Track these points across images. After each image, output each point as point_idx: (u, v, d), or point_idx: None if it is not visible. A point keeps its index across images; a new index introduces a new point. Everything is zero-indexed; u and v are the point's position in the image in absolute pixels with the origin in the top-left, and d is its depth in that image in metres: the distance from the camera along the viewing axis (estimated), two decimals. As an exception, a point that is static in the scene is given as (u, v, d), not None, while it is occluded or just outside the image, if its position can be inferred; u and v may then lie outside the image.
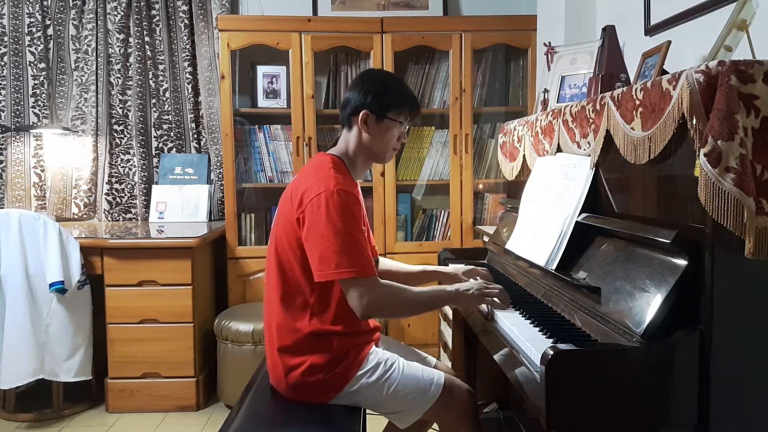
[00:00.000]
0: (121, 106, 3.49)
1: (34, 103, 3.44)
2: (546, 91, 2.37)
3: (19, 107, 3.44)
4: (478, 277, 1.94)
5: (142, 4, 3.41)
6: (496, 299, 1.67)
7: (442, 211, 3.39)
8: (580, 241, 1.60)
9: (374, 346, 1.73)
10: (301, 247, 1.60)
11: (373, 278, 1.56)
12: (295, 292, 1.64)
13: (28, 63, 3.42)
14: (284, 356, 1.64)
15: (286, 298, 1.65)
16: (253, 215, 3.32)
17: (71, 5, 3.41)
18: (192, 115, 3.48)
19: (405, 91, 1.75)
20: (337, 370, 1.62)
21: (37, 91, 3.44)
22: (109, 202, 3.50)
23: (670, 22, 2.02)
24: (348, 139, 1.74)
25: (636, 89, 1.36)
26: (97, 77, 3.43)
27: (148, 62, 3.46)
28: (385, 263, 2.06)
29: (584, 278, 1.50)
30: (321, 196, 1.56)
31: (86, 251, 2.80)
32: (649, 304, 1.21)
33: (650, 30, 2.16)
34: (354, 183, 1.71)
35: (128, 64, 3.47)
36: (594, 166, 1.62)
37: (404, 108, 1.72)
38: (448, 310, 2.79)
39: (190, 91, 3.47)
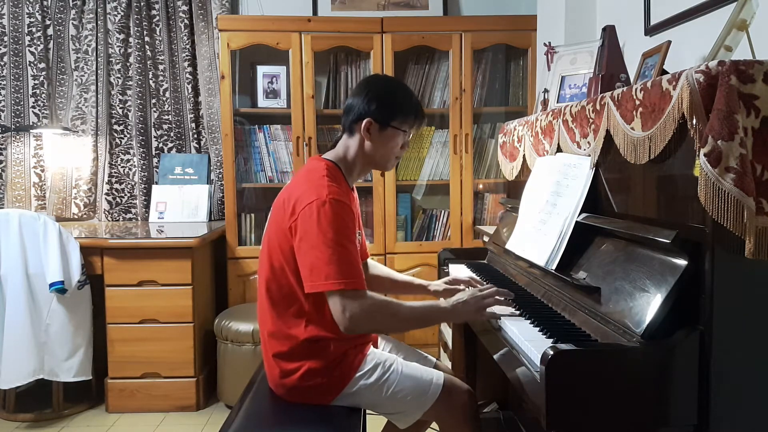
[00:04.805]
0: (121, 106, 3.49)
1: (34, 103, 3.44)
2: (546, 91, 2.37)
3: (19, 107, 3.44)
4: (463, 285, 1.91)
5: (142, 4, 3.41)
6: (494, 308, 1.60)
7: (442, 211, 3.39)
8: (580, 241, 1.59)
9: (372, 346, 1.72)
10: (294, 256, 1.57)
11: (360, 292, 1.51)
12: (289, 300, 1.62)
13: (28, 63, 3.42)
14: (280, 361, 1.63)
15: (280, 306, 1.63)
16: (253, 215, 3.32)
17: (71, 5, 3.41)
18: (192, 115, 3.48)
19: (410, 99, 1.71)
20: (335, 373, 1.60)
21: (37, 91, 3.44)
22: (109, 202, 3.50)
23: (670, 22, 2.02)
24: (348, 144, 1.71)
25: (636, 89, 1.36)
26: (97, 77, 3.43)
27: (148, 62, 3.46)
28: (375, 268, 2.03)
29: (584, 278, 1.50)
30: (313, 205, 1.52)
31: (86, 251, 2.80)
32: (649, 304, 1.21)
33: (650, 30, 2.16)
34: (348, 190, 1.68)
35: (128, 64, 3.47)
36: (594, 166, 1.62)
37: (408, 116, 1.69)
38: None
39: (190, 91, 3.47)
